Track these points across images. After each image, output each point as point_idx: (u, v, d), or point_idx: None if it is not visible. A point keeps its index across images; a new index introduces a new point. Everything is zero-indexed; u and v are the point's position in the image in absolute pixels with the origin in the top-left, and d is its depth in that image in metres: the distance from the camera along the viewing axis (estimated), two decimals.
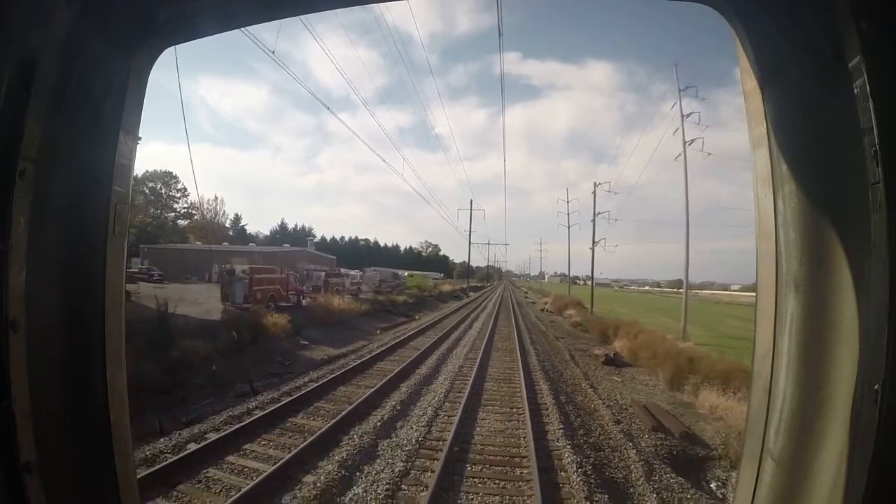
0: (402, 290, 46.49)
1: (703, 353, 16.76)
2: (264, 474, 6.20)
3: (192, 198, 74.08)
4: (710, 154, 28.48)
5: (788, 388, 1.16)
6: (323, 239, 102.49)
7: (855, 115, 0.96)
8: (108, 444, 1.21)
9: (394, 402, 10.17)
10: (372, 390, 10.82)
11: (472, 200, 79.02)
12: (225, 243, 64.07)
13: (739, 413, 9.21)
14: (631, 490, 6.69)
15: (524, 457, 7.26)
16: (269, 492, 5.93)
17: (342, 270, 43.42)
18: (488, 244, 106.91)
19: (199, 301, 19.96)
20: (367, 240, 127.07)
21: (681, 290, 28.52)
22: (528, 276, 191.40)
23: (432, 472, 6.56)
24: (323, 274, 34.16)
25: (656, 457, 8.29)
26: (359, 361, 14.54)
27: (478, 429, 8.60)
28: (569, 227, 51.90)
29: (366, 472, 6.69)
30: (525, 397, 10.47)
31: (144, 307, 17.66)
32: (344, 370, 13.18)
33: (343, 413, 8.98)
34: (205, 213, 76.23)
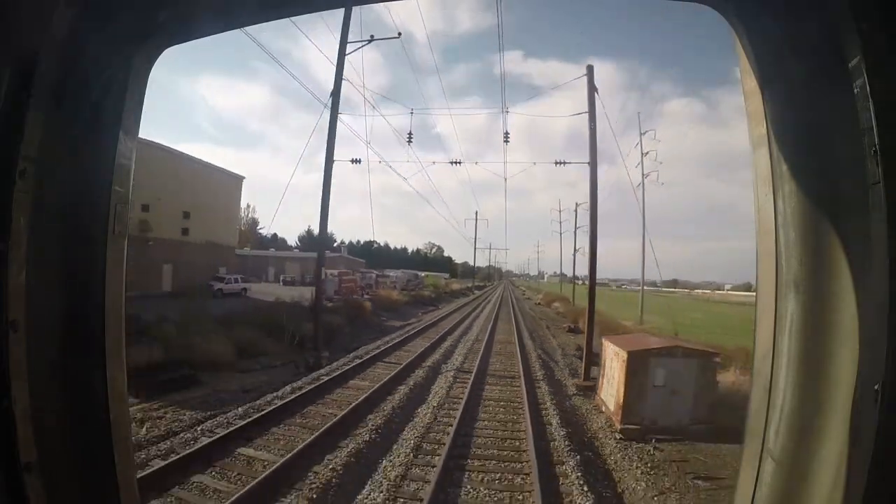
0: (422, 288, 51.84)
1: (640, 328, 26.79)
2: (424, 346, 15.74)
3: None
4: (662, 183, 38.58)
5: (788, 388, 1.12)
6: (342, 242, 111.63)
7: (855, 115, 0.92)
8: (108, 444, 1.18)
9: (457, 334, 20.56)
10: (444, 331, 20.73)
11: (476, 213, 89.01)
12: (271, 249, 68.64)
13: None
14: (554, 358, 15.92)
15: (514, 342, 17.87)
16: (428, 352, 15.09)
17: (383, 272, 52.10)
18: (490, 249, 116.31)
19: (301, 295, 30.16)
20: (377, 242, 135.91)
21: (675, 290, 37.17)
22: (527, 276, 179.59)
23: (481, 345, 16.56)
24: (374, 275, 43.89)
25: (572, 356, 16.44)
26: (427, 324, 23.85)
27: (496, 339, 19.09)
28: (560, 234, 61.39)
29: (459, 346, 16.86)
30: (516, 335, 20.15)
31: (259, 300, 27.83)
32: (423, 326, 22.73)
33: (439, 335, 19.14)
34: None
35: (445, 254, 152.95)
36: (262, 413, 8.10)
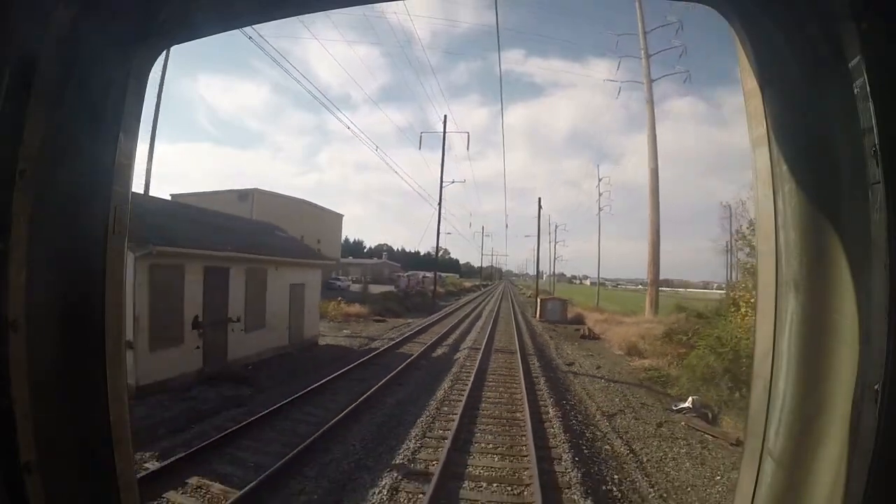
0: (444, 285, 66.02)
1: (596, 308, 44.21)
2: (475, 301, 48.85)
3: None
4: (612, 213, 59.82)
5: (788, 388, 1.12)
6: (369, 248, 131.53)
7: (855, 115, 0.91)
8: (108, 444, 1.18)
9: (484, 302, 48.47)
10: (475, 304, 43.14)
11: (483, 227, 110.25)
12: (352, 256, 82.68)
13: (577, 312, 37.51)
14: (528, 312, 36.20)
15: (509, 308, 37.79)
16: (479, 305, 42.74)
17: (423, 273, 68.49)
18: (492, 255, 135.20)
19: (383, 289, 51.63)
20: (388, 245, 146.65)
21: (663, 289, 50.93)
22: (526, 276, 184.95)
23: (496, 308, 37.26)
24: (421, 275, 65.55)
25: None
26: (464, 302, 46.28)
27: (501, 307, 38.74)
28: (555, 241, 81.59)
29: (488, 304, 44.12)
30: (511, 308, 37.23)
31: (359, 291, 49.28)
32: (463, 303, 45.55)
33: (474, 305, 42.18)
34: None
35: (451, 256, 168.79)
36: (437, 318, 28.05)
